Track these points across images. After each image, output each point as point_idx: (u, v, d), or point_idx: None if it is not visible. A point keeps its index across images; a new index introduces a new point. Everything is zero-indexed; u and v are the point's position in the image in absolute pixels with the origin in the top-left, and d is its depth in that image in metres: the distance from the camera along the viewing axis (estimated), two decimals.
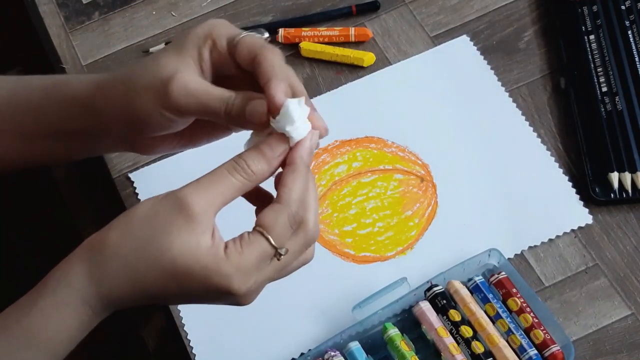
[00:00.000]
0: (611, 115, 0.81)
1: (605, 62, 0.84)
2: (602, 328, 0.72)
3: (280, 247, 0.58)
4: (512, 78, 0.85)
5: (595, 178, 0.78)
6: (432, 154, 0.82)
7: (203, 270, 0.56)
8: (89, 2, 0.95)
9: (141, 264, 0.57)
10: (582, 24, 0.87)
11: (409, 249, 0.77)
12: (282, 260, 0.59)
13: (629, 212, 0.77)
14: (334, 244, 0.78)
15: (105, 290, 0.57)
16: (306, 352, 0.71)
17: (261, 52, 0.61)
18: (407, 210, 0.79)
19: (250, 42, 0.62)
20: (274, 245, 0.57)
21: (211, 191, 0.57)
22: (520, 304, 0.70)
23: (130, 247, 0.57)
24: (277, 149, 0.59)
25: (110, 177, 0.83)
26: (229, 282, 0.57)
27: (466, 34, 0.88)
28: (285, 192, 0.58)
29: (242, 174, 0.58)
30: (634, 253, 0.75)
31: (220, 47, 0.62)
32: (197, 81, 0.62)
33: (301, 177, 0.58)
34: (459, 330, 0.69)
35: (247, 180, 0.58)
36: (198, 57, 0.63)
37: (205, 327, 0.75)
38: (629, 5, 0.87)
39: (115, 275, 0.57)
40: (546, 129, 0.82)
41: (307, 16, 0.91)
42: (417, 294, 0.72)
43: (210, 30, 0.63)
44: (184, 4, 0.94)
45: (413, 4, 0.91)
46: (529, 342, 0.68)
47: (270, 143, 0.59)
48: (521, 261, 0.75)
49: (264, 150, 0.59)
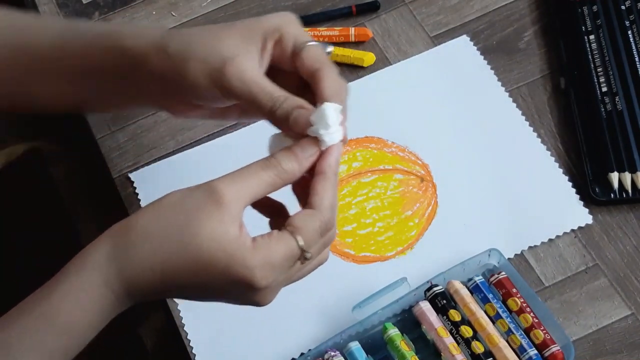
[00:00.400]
0: (611, 115, 0.81)
1: (605, 62, 0.84)
2: (602, 328, 0.72)
3: (307, 251, 0.58)
4: (512, 78, 0.85)
5: (595, 178, 0.78)
6: (432, 154, 0.82)
7: (228, 259, 0.56)
8: (89, 2, 0.95)
9: (167, 248, 0.57)
10: (582, 24, 0.87)
11: (409, 249, 0.77)
12: (304, 263, 0.59)
13: (629, 212, 0.77)
14: (334, 244, 0.77)
15: (129, 274, 0.57)
16: (306, 352, 0.71)
17: (323, 68, 0.62)
18: (407, 210, 0.79)
19: (315, 54, 0.63)
20: (302, 248, 0.58)
21: (243, 184, 0.58)
22: (520, 304, 0.70)
23: (157, 232, 0.57)
24: (308, 151, 0.60)
25: (110, 177, 0.83)
26: (252, 274, 0.57)
27: (466, 34, 0.88)
28: (317, 199, 0.59)
29: (274, 170, 0.59)
30: (634, 253, 0.75)
31: (286, 46, 0.63)
32: (253, 71, 0.62)
33: (332, 185, 0.60)
34: (459, 330, 0.69)
35: (277, 177, 0.59)
36: (262, 47, 0.63)
37: (205, 327, 0.75)
38: (629, 5, 0.87)
39: (140, 259, 0.57)
40: (546, 129, 0.82)
41: (307, 16, 0.91)
42: (417, 294, 0.72)
43: (281, 25, 0.64)
44: (184, 4, 0.94)
45: (413, 4, 0.91)
46: (529, 342, 0.68)
47: (302, 145, 0.60)
48: (521, 261, 0.75)
49: (296, 151, 0.60)
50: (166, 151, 0.84)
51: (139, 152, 0.84)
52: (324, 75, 0.62)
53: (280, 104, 0.61)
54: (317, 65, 0.62)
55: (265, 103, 0.61)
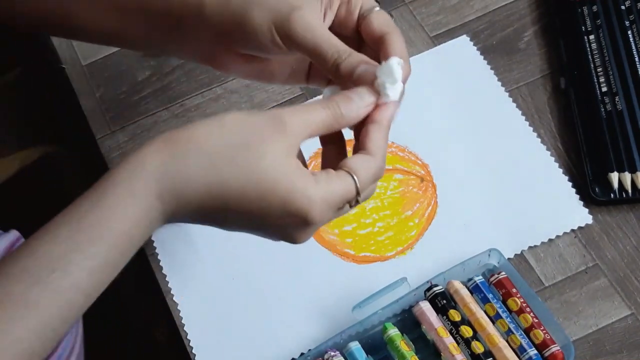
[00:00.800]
0: (611, 115, 0.81)
1: (605, 62, 0.84)
2: (602, 328, 0.72)
3: (359, 195, 0.58)
4: (512, 78, 0.85)
5: (595, 178, 0.78)
6: (432, 154, 0.82)
7: (290, 187, 0.55)
8: None
9: (228, 168, 0.54)
10: (582, 24, 0.87)
11: (409, 249, 0.77)
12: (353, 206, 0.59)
13: (629, 212, 0.77)
14: (334, 244, 0.78)
15: (182, 187, 0.54)
16: (306, 352, 0.71)
17: (392, 32, 0.62)
18: (407, 210, 0.79)
19: (383, 19, 0.63)
20: (357, 189, 0.57)
21: (305, 117, 0.57)
22: (520, 304, 0.70)
23: (218, 147, 0.55)
24: (367, 100, 0.60)
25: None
26: (311, 207, 0.55)
27: (466, 34, 0.88)
28: (374, 146, 0.59)
29: (333, 111, 0.58)
30: (634, 253, 0.75)
31: (354, 8, 0.64)
32: (320, 22, 0.62)
33: (386, 136, 0.60)
34: (459, 330, 0.69)
35: (334, 119, 0.58)
36: (327, 4, 0.63)
37: (205, 327, 0.75)
38: (629, 5, 0.87)
39: (197, 174, 0.54)
40: (546, 129, 0.82)
41: None
42: (417, 294, 0.72)
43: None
44: None
45: (413, 4, 0.91)
46: (529, 342, 0.68)
47: (361, 93, 0.60)
48: (521, 261, 0.75)
49: (354, 98, 0.59)
50: None
51: None
52: (394, 38, 0.62)
53: (346, 57, 0.60)
54: (387, 29, 0.62)
55: (331, 55, 0.60)
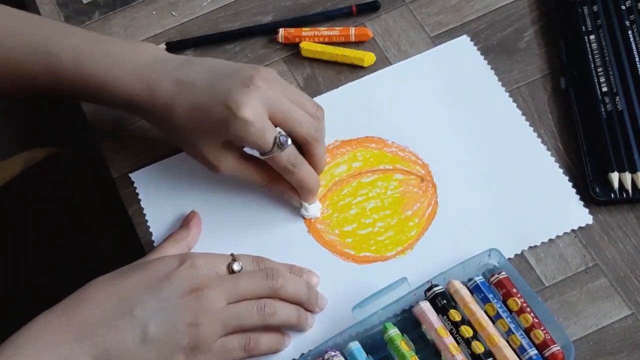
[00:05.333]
0: (611, 115, 0.81)
1: (606, 62, 0.84)
2: (602, 328, 0.72)
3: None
4: (512, 78, 0.85)
5: (595, 178, 0.78)
6: (432, 154, 0.82)
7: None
8: (89, 2, 0.95)
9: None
10: (582, 24, 0.87)
11: (409, 249, 0.77)
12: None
13: (629, 212, 0.77)
14: (334, 244, 0.78)
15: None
16: (306, 352, 0.71)
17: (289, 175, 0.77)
18: (407, 210, 0.79)
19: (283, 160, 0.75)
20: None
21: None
22: (521, 304, 0.70)
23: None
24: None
25: (110, 177, 0.83)
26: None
27: (466, 34, 0.88)
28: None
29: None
30: (634, 253, 0.75)
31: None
32: (240, 167, 0.77)
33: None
34: (459, 330, 0.69)
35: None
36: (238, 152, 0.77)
37: None
38: (629, 5, 0.87)
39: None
40: (546, 129, 0.82)
41: (307, 16, 0.91)
42: (417, 294, 0.72)
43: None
44: (184, 4, 0.94)
45: (413, 4, 0.91)
46: (529, 342, 0.68)
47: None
48: (521, 261, 0.75)
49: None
50: (166, 151, 0.84)
51: (139, 152, 0.84)
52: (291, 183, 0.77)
53: (270, 189, 0.78)
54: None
55: (259, 183, 0.78)
